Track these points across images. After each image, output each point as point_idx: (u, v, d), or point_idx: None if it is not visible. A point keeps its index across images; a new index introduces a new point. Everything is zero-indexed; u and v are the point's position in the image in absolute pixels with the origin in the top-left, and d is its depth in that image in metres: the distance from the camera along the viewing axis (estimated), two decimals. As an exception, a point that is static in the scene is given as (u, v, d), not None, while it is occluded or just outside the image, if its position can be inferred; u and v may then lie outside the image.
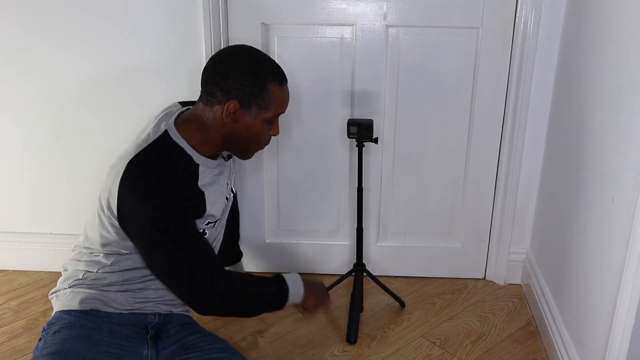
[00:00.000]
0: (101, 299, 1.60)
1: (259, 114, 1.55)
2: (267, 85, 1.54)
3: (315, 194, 2.28)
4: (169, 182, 1.51)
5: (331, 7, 2.04)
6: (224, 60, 1.56)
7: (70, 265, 1.68)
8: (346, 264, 2.27)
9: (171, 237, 1.51)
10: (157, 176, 1.51)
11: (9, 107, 2.19)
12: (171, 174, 1.53)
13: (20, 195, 2.31)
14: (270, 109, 1.56)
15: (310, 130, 2.18)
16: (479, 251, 2.32)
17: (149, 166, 1.51)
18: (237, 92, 1.52)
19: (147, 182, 1.50)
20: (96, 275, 1.62)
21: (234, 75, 1.51)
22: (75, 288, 1.62)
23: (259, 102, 1.54)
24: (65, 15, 2.05)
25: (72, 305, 1.59)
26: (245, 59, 1.55)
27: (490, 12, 2.01)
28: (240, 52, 1.59)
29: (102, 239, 1.59)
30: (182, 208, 1.53)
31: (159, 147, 1.53)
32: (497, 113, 2.12)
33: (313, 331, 2.02)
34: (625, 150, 1.41)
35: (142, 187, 1.50)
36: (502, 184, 2.19)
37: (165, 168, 1.52)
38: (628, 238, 1.36)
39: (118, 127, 2.16)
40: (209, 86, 1.55)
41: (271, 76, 1.55)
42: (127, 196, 1.50)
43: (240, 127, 1.56)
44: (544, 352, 1.92)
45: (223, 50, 1.64)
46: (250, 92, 1.52)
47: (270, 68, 1.57)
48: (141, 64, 2.10)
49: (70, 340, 1.51)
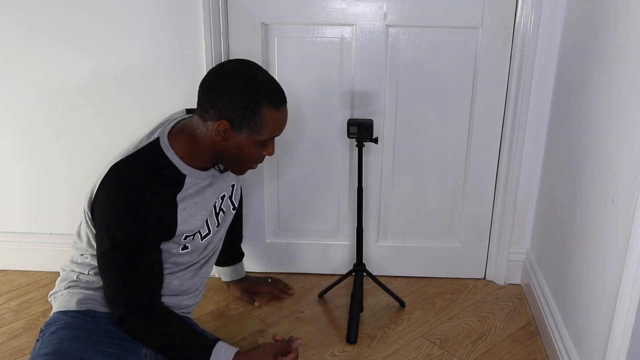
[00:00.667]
0: (97, 299, 1.61)
1: (250, 136, 1.53)
2: (261, 109, 1.49)
3: (315, 194, 2.28)
4: (140, 193, 1.50)
5: (331, 7, 2.04)
6: (221, 77, 1.52)
7: (67, 266, 1.70)
8: (346, 264, 2.27)
9: (122, 253, 1.52)
10: (131, 185, 1.51)
11: (9, 107, 2.18)
12: (147, 184, 1.52)
13: (20, 195, 2.31)
14: (262, 132, 1.53)
15: (310, 130, 2.17)
16: (479, 251, 2.32)
17: (127, 174, 1.52)
18: (229, 113, 1.48)
19: (119, 189, 1.51)
20: (87, 277, 1.64)
21: (228, 95, 1.48)
22: (71, 289, 1.63)
23: (251, 125, 1.50)
24: (65, 16, 2.05)
25: (69, 306, 1.60)
26: (243, 79, 1.50)
27: (490, 12, 2.01)
28: (239, 70, 1.53)
29: (87, 239, 1.63)
30: (144, 224, 1.51)
31: (145, 155, 1.54)
32: (497, 113, 2.12)
33: (313, 331, 2.02)
34: (625, 150, 1.41)
35: (113, 194, 1.51)
36: (502, 184, 2.19)
37: (143, 177, 1.52)
38: (628, 238, 1.36)
39: (118, 127, 2.16)
40: (203, 102, 1.52)
41: (267, 99, 1.50)
42: (100, 199, 1.53)
43: (231, 145, 1.54)
44: (544, 352, 1.92)
45: (224, 64, 1.61)
46: (242, 114, 1.49)
47: (268, 91, 1.52)
48: (140, 64, 2.09)
49: (68, 341, 1.51)
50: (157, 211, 1.53)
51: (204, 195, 1.64)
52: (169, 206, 1.56)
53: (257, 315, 2.10)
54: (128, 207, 1.49)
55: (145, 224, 1.51)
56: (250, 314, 2.11)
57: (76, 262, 1.67)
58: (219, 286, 2.22)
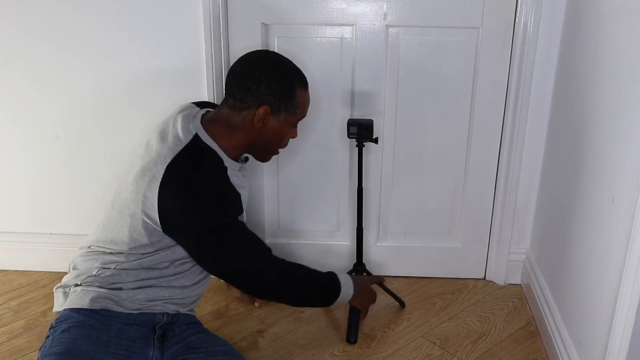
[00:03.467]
0: (112, 298, 1.60)
1: (287, 118, 1.63)
2: (295, 90, 1.61)
3: (315, 194, 2.28)
4: (210, 183, 1.56)
5: (331, 7, 2.04)
6: (255, 66, 1.60)
7: (82, 262, 1.67)
8: (346, 264, 2.27)
9: (221, 236, 1.57)
10: (199, 179, 1.54)
11: (9, 107, 2.18)
12: (210, 175, 1.57)
13: (20, 195, 2.31)
14: (297, 113, 1.64)
15: (311, 130, 2.17)
16: (479, 251, 2.32)
17: (188, 170, 1.54)
18: (269, 97, 1.58)
19: (190, 185, 1.53)
20: (112, 272, 1.61)
21: (267, 81, 1.57)
22: (86, 286, 1.60)
23: (288, 106, 1.61)
24: (66, 17, 2.05)
25: (82, 304, 1.58)
26: (276, 65, 1.61)
27: (490, 12, 2.01)
28: (270, 57, 1.65)
29: (131, 241, 1.60)
30: (226, 206, 1.59)
31: (193, 151, 1.57)
32: (497, 113, 2.12)
33: (313, 331, 2.02)
34: (625, 150, 1.41)
35: (186, 191, 1.53)
36: (502, 184, 2.19)
37: (203, 170, 1.56)
38: (628, 238, 1.36)
39: (118, 127, 2.16)
40: (238, 92, 1.59)
41: (299, 81, 1.63)
42: (170, 201, 1.52)
43: (268, 131, 1.63)
44: (544, 352, 1.92)
45: (250, 55, 1.66)
46: (281, 97, 1.58)
47: (298, 73, 1.64)
48: (140, 64, 2.09)
49: (79, 340, 1.50)
50: (229, 197, 1.62)
51: (244, 188, 1.72)
52: (234, 194, 1.64)
53: (257, 315, 2.11)
54: (206, 196, 1.54)
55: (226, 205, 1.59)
56: (250, 314, 2.11)
57: (98, 259, 1.64)
58: (219, 286, 2.22)
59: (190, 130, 1.58)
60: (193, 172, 1.54)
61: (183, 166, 1.54)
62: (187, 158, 1.55)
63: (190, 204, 1.52)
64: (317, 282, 1.74)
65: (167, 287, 1.65)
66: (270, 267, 1.67)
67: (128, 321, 1.59)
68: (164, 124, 1.64)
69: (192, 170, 1.54)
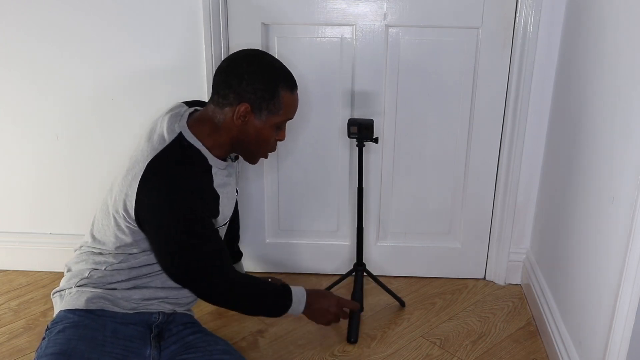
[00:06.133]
0: (108, 298, 1.60)
1: (269, 119, 1.59)
2: (279, 90, 1.58)
3: (315, 194, 2.28)
4: (189, 182, 1.55)
5: (331, 7, 2.04)
6: (239, 63, 1.59)
7: (75, 265, 1.68)
8: (346, 264, 2.27)
9: (186, 241, 1.54)
10: (177, 177, 1.53)
11: (9, 107, 2.18)
12: (190, 174, 1.56)
13: (20, 195, 2.31)
14: (279, 114, 1.60)
15: (311, 130, 2.18)
16: (479, 251, 2.32)
17: (168, 168, 1.53)
18: (250, 96, 1.55)
19: (167, 183, 1.52)
20: (103, 273, 1.62)
21: (248, 79, 1.55)
22: (81, 287, 1.61)
23: (270, 106, 1.58)
24: (66, 17, 2.05)
25: (77, 304, 1.59)
26: (260, 64, 1.59)
27: (490, 12, 2.01)
28: (256, 56, 1.63)
29: (117, 241, 1.60)
30: (201, 208, 1.57)
31: (176, 149, 1.56)
32: (497, 113, 2.12)
33: (313, 331, 2.02)
34: (625, 150, 1.41)
35: (163, 189, 1.52)
36: (502, 184, 2.19)
37: (184, 169, 1.55)
38: (628, 238, 1.36)
39: (118, 127, 2.16)
40: (221, 88, 1.58)
41: (283, 82, 1.59)
42: (147, 198, 1.52)
43: (249, 130, 1.60)
44: (544, 352, 1.92)
45: (238, 53, 1.65)
46: (262, 96, 1.56)
47: (284, 74, 1.61)
48: (140, 64, 2.09)
49: (75, 341, 1.51)
50: (206, 199, 1.60)
51: (229, 185, 1.70)
52: (212, 195, 1.62)
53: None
54: (183, 196, 1.52)
55: (200, 207, 1.57)
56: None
57: (90, 260, 1.65)
58: (219, 286, 2.22)
59: (174, 130, 1.57)
60: (173, 171, 1.53)
61: (164, 164, 1.53)
62: (169, 156, 1.54)
63: (165, 201, 1.51)
64: (265, 299, 1.70)
65: (162, 288, 1.65)
66: (222, 282, 1.63)
67: (124, 321, 1.60)
68: (153, 124, 1.64)
69: (173, 169, 1.53)
